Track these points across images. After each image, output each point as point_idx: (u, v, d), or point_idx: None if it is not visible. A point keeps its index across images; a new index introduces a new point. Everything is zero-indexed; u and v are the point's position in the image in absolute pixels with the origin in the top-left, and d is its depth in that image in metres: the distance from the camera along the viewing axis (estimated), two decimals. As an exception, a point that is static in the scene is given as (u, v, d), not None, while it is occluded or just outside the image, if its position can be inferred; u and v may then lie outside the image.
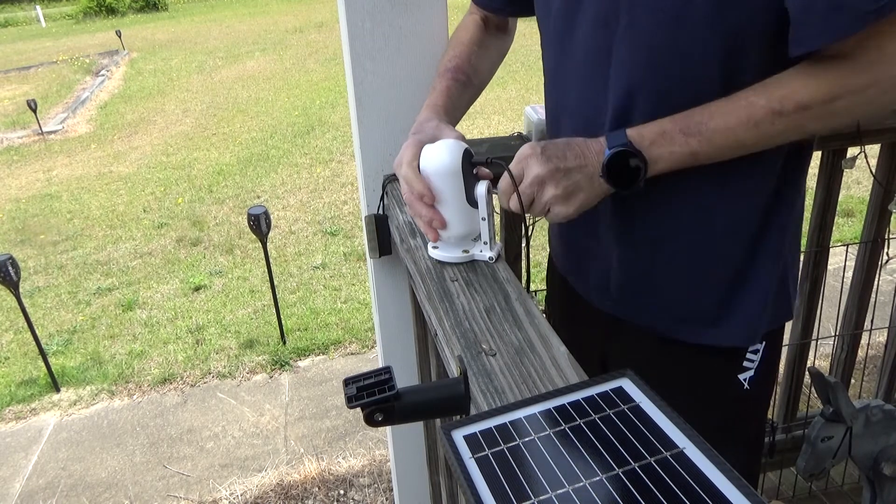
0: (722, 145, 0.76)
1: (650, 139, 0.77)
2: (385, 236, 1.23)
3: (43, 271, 4.56)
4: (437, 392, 0.66)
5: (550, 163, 0.79)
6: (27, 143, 7.77)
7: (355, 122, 1.20)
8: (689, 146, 0.76)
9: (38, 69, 12.04)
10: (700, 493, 0.45)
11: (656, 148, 0.77)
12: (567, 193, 0.80)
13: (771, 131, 0.74)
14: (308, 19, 15.16)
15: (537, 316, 0.79)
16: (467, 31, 1.09)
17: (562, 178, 0.79)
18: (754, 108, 0.73)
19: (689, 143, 0.76)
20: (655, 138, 0.77)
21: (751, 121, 0.74)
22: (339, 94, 8.53)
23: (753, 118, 0.73)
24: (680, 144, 0.77)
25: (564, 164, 0.79)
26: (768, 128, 0.74)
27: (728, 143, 0.76)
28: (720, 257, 0.89)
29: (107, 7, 19.85)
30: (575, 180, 0.80)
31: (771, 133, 0.74)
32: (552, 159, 0.80)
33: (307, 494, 2.41)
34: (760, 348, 0.95)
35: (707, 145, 0.76)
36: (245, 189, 5.75)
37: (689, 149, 0.77)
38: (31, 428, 2.99)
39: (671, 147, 0.77)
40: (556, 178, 0.79)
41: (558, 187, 0.79)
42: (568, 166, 0.80)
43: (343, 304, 3.83)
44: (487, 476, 0.49)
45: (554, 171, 0.79)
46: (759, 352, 0.95)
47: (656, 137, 0.77)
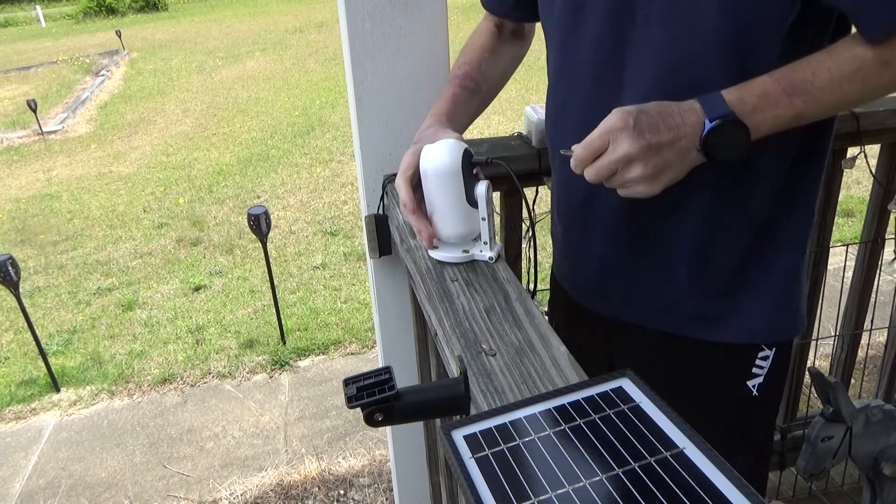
0: (828, 102, 0.72)
1: (752, 103, 0.71)
2: (385, 236, 1.23)
3: (43, 271, 4.56)
4: (437, 392, 0.66)
5: (643, 138, 0.71)
6: (27, 143, 7.77)
7: (355, 122, 1.20)
8: (793, 108, 0.72)
9: (38, 69, 12.04)
10: (700, 493, 0.45)
11: (759, 113, 0.72)
12: (656, 172, 0.73)
13: (877, 83, 0.71)
14: (308, 19, 15.16)
15: (537, 316, 0.79)
16: (480, 37, 1.08)
17: (653, 155, 0.72)
18: (862, 60, 0.70)
19: (795, 104, 0.71)
20: (758, 102, 0.71)
21: (859, 73, 0.70)
22: (339, 94, 8.52)
23: (862, 71, 0.70)
24: (784, 106, 0.72)
25: (657, 140, 0.72)
26: (875, 80, 0.71)
27: (834, 100, 0.72)
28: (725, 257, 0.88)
29: (107, 7, 19.84)
30: (666, 158, 0.73)
31: (876, 85, 0.72)
32: (644, 134, 0.71)
33: (307, 494, 2.41)
34: (770, 355, 0.94)
35: (813, 104, 0.72)
36: (245, 189, 5.75)
37: (793, 111, 0.72)
38: (31, 428, 2.99)
39: (775, 110, 0.72)
40: (647, 156, 0.72)
41: (647, 166, 0.72)
42: (661, 141, 0.72)
43: (343, 304, 3.83)
44: (487, 476, 0.49)
45: (646, 148, 0.71)
46: (768, 359, 0.94)
47: (759, 101, 0.71)
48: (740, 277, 0.89)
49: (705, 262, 0.89)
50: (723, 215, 0.85)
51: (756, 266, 0.89)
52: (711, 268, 0.89)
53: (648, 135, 0.71)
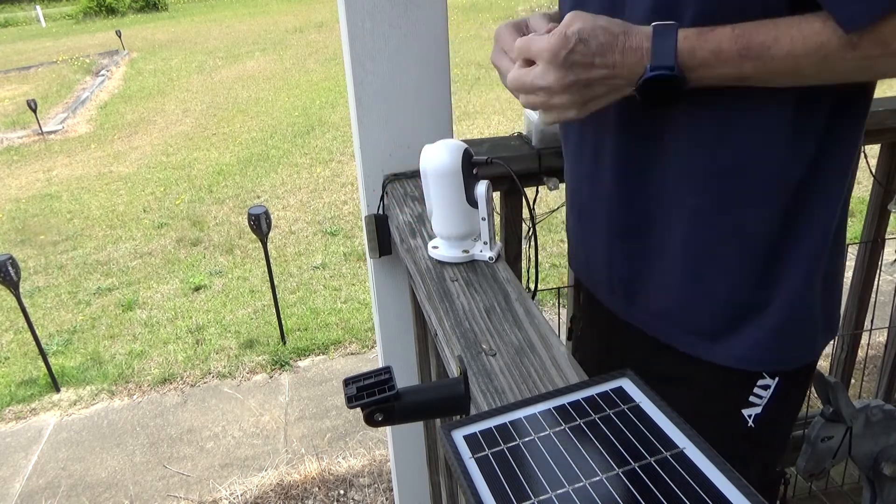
0: (779, 73, 0.66)
1: (701, 58, 0.66)
2: (385, 236, 1.23)
3: (43, 271, 4.56)
4: (437, 392, 0.66)
5: (571, 74, 0.67)
6: (27, 143, 7.77)
7: (355, 122, 1.20)
8: (741, 70, 0.66)
9: (38, 69, 12.04)
10: (700, 493, 0.45)
11: (705, 69, 0.67)
12: (583, 103, 0.70)
13: (839, 67, 0.65)
14: (308, 19, 15.16)
15: (537, 316, 0.79)
16: None
17: (579, 89, 0.69)
18: (827, 38, 0.63)
19: (744, 66, 0.66)
20: (708, 57, 0.66)
21: (820, 51, 0.63)
22: (339, 94, 8.53)
23: (824, 49, 0.63)
24: (732, 66, 0.66)
25: (587, 76, 0.68)
26: (837, 63, 0.64)
27: (786, 71, 0.66)
28: (727, 259, 0.79)
29: (107, 7, 19.84)
30: (594, 91, 0.69)
31: (838, 68, 0.65)
32: (574, 69, 0.67)
33: (307, 494, 2.41)
34: (772, 385, 0.83)
35: (762, 70, 0.66)
36: (245, 189, 5.75)
37: (740, 72, 0.66)
38: (31, 428, 2.99)
39: (722, 69, 0.66)
40: (571, 90, 0.69)
41: (573, 96, 0.69)
42: (591, 77, 0.68)
43: (343, 304, 3.83)
44: (487, 476, 0.49)
45: (572, 84, 0.68)
46: (769, 388, 0.83)
47: (709, 57, 0.66)
48: (741, 292, 0.80)
49: (701, 268, 0.80)
50: (722, 217, 0.77)
51: (761, 281, 0.79)
52: (708, 276, 0.81)
53: (579, 70, 0.68)
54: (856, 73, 0.66)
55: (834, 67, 0.65)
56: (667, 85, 0.67)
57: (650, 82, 0.67)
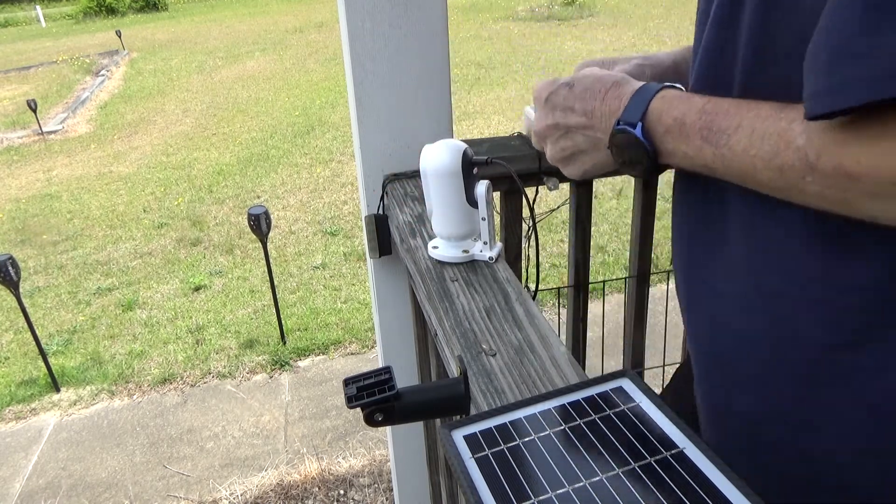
0: (739, 175, 0.55)
1: (666, 125, 0.59)
2: (385, 236, 1.23)
3: (43, 271, 4.56)
4: (437, 392, 0.66)
5: (551, 116, 0.67)
6: (27, 143, 7.77)
7: (355, 122, 1.20)
8: (702, 156, 0.57)
9: (38, 69, 12.04)
10: (700, 493, 0.45)
11: (671, 140, 0.59)
12: (566, 155, 0.68)
13: (801, 187, 0.51)
14: (308, 19, 15.16)
15: (537, 316, 0.79)
16: None
17: (561, 136, 0.68)
18: (787, 144, 0.50)
19: (704, 152, 0.57)
20: (672, 127, 0.59)
21: (776, 160, 0.51)
22: (339, 94, 8.53)
23: (781, 158, 0.51)
24: (694, 149, 0.58)
25: (565, 121, 0.66)
26: (797, 180, 0.50)
27: (746, 176, 0.55)
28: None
29: (107, 7, 19.85)
30: (576, 142, 0.67)
31: (802, 189, 0.51)
32: (555, 112, 0.67)
33: (307, 494, 2.41)
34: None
35: (722, 165, 0.56)
36: (245, 189, 5.75)
37: (702, 160, 0.57)
38: (31, 428, 2.99)
39: (685, 147, 0.58)
40: (554, 135, 0.68)
41: (555, 147, 0.68)
42: (569, 124, 0.66)
43: (343, 304, 3.83)
44: (487, 476, 0.49)
45: (553, 128, 0.68)
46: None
47: (673, 126, 0.59)
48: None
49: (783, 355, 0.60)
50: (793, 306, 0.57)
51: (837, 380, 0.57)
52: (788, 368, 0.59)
53: (558, 113, 0.67)
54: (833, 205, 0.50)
55: (798, 188, 0.51)
56: (629, 144, 0.61)
57: (617, 137, 0.62)
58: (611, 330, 2.83)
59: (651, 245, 1.65)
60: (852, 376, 0.55)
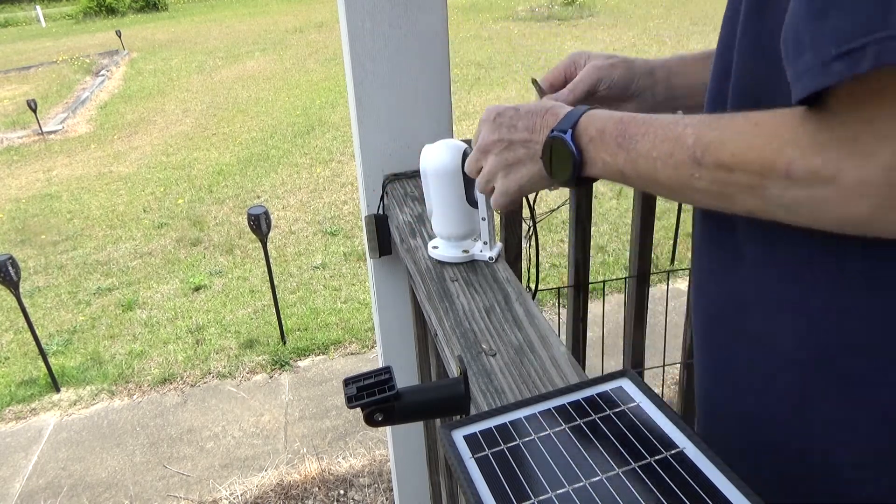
0: (644, 176, 0.60)
1: (590, 135, 0.65)
2: (385, 236, 1.23)
3: (43, 271, 4.56)
4: (437, 392, 0.66)
5: (498, 132, 0.74)
6: (27, 143, 7.77)
7: (355, 122, 1.20)
8: (616, 160, 0.63)
9: (38, 69, 12.04)
10: (700, 493, 0.45)
11: (593, 148, 0.65)
12: (507, 165, 0.74)
13: (691, 183, 0.55)
14: (308, 19, 15.16)
15: (537, 316, 0.79)
16: None
17: (504, 149, 0.74)
18: (680, 144, 0.56)
19: (618, 157, 0.62)
20: (595, 136, 0.65)
21: (672, 159, 0.56)
22: (339, 94, 8.53)
23: (675, 157, 0.56)
24: (611, 154, 0.63)
25: (510, 136, 0.74)
26: (687, 177, 0.55)
27: (648, 177, 0.60)
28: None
29: (107, 7, 19.85)
30: (518, 155, 0.74)
31: (692, 185, 0.55)
32: (501, 128, 0.74)
33: (307, 494, 2.41)
34: None
35: (632, 168, 0.61)
36: (245, 189, 5.75)
37: (616, 164, 0.63)
38: (31, 428, 2.99)
39: (604, 154, 0.64)
40: (498, 148, 0.75)
41: (499, 158, 0.75)
42: (513, 138, 0.73)
43: (343, 304, 3.83)
44: (487, 476, 0.49)
45: (498, 141, 0.74)
46: None
47: (596, 135, 0.65)
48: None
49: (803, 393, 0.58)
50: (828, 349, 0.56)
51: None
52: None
53: (504, 130, 0.74)
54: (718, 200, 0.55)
55: (689, 184, 0.56)
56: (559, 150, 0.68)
57: (548, 144, 0.69)
58: (611, 330, 2.83)
59: (651, 245, 1.65)
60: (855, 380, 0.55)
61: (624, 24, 11.63)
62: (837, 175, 0.45)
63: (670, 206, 4.13)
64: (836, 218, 0.47)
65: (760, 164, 0.49)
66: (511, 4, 14.59)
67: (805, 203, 0.48)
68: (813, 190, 0.47)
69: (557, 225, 4.35)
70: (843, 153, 0.45)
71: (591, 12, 12.92)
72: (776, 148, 0.49)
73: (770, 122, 0.50)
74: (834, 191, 0.46)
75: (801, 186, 0.48)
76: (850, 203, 0.45)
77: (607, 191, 4.86)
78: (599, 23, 11.94)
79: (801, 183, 0.47)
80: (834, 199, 0.46)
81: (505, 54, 9.88)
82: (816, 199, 0.47)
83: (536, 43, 10.62)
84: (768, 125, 0.50)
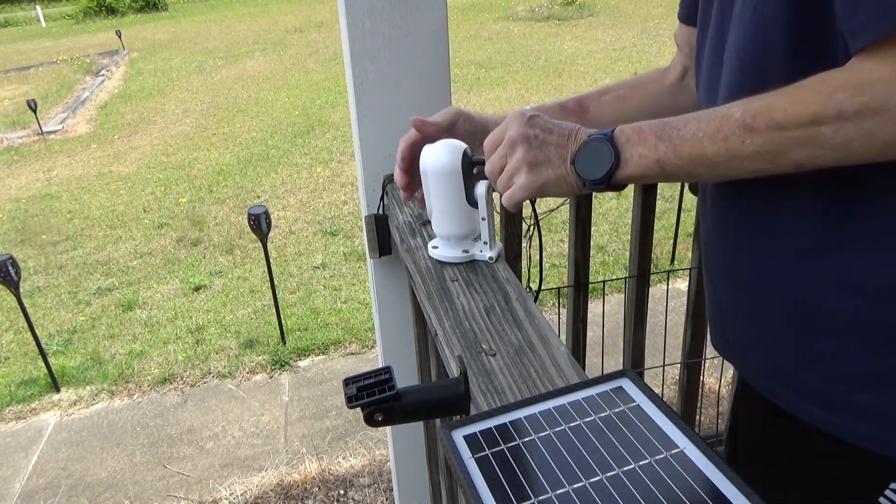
0: (688, 157, 0.66)
1: (627, 136, 0.70)
2: (385, 236, 1.23)
3: (43, 271, 4.56)
4: (437, 392, 0.66)
5: (532, 128, 0.75)
6: (27, 143, 7.77)
7: (355, 122, 1.20)
8: (656, 151, 0.68)
9: (38, 69, 12.04)
10: (700, 493, 0.45)
11: (630, 147, 0.70)
12: (536, 161, 0.75)
13: (742, 150, 0.62)
14: (308, 19, 15.16)
15: (537, 316, 0.79)
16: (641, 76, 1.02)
17: (537, 144, 0.75)
18: (728, 119, 0.63)
19: (658, 148, 0.68)
20: (632, 135, 0.70)
21: (720, 133, 0.63)
22: (339, 94, 8.53)
23: (724, 131, 0.63)
24: (649, 147, 0.68)
25: (545, 136, 0.75)
26: (738, 145, 0.62)
27: (693, 156, 0.66)
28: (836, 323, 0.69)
29: (107, 7, 19.86)
30: (548, 153, 0.75)
31: (742, 153, 0.62)
32: (536, 126, 0.76)
33: (307, 494, 2.41)
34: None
35: (673, 154, 0.67)
36: (245, 189, 5.75)
37: (656, 154, 0.68)
38: (31, 428, 2.99)
39: (642, 148, 0.69)
40: (530, 141, 0.75)
41: (530, 152, 0.75)
42: (547, 138, 0.75)
43: (343, 304, 3.83)
44: (487, 476, 0.49)
45: (532, 137, 0.75)
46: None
47: (633, 135, 0.70)
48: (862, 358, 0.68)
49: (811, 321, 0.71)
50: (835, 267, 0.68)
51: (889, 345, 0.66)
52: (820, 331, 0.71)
53: (539, 129, 0.76)
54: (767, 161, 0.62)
55: (739, 152, 0.62)
56: (596, 148, 0.71)
57: (584, 146, 0.72)
58: (611, 330, 2.83)
59: (651, 245, 1.65)
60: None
61: (624, 23, 11.63)
62: (886, 103, 0.54)
63: (670, 206, 4.14)
64: (883, 142, 0.56)
65: (812, 112, 0.57)
66: (511, 4, 14.59)
67: (856, 137, 0.56)
68: (864, 123, 0.55)
69: (557, 225, 4.35)
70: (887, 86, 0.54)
71: (591, 12, 12.92)
72: (826, 95, 0.56)
73: (813, 81, 0.58)
74: (882, 119, 0.54)
75: (853, 123, 0.55)
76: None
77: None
78: (599, 23, 11.94)
79: (853, 119, 0.55)
80: (882, 126, 0.55)
81: (505, 54, 9.88)
82: (867, 130, 0.55)
83: (536, 43, 10.62)
84: (812, 83, 0.58)
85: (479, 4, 15.05)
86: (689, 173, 0.69)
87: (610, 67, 8.57)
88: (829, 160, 0.59)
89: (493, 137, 0.79)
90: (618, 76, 8.05)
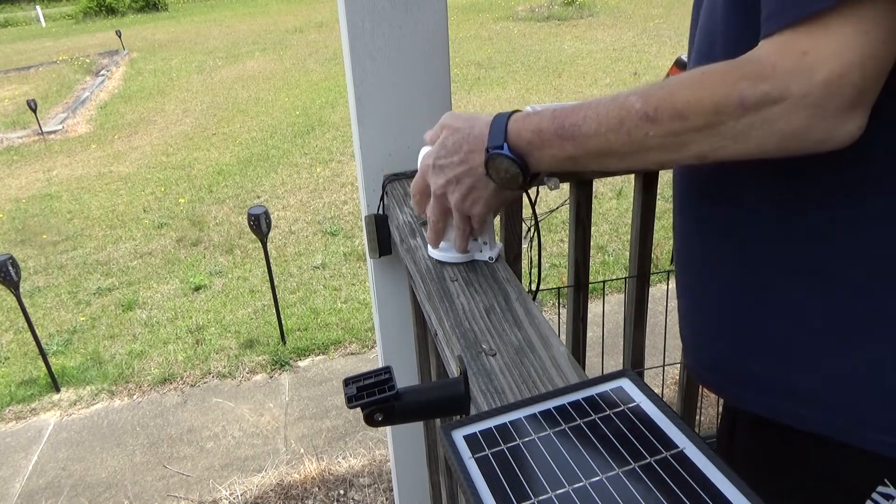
0: (597, 152, 0.67)
1: (527, 139, 0.71)
2: (385, 236, 1.23)
3: (43, 271, 4.56)
4: (437, 392, 0.66)
5: (440, 175, 0.78)
6: (27, 143, 7.77)
7: (355, 122, 1.20)
8: (565, 150, 0.68)
9: (38, 69, 12.04)
10: (700, 493, 0.45)
11: (536, 150, 0.71)
12: (466, 195, 0.78)
13: (645, 142, 0.62)
14: (308, 19, 15.16)
15: (537, 316, 0.79)
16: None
17: (455, 188, 0.78)
18: (628, 110, 0.62)
19: (565, 147, 0.68)
20: (532, 139, 0.70)
21: (623, 126, 0.63)
22: (339, 94, 8.53)
23: (626, 124, 0.62)
24: (557, 148, 0.69)
25: (454, 174, 0.78)
26: (641, 137, 0.62)
27: (602, 150, 0.66)
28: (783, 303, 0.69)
29: (107, 7, 19.85)
30: (468, 184, 0.78)
31: (646, 144, 0.62)
32: (440, 171, 0.78)
33: (307, 494, 2.41)
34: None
35: (582, 150, 0.67)
36: (245, 189, 5.75)
37: (565, 153, 0.69)
38: (31, 428, 2.99)
39: (550, 150, 0.70)
40: (449, 189, 0.79)
41: (455, 194, 0.78)
42: (455, 174, 0.77)
43: (343, 304, 3.83)
44: (487, 476, 0.49)
45: (445, 184, 0.78)
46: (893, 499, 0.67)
47: (533, 138, 0.70)
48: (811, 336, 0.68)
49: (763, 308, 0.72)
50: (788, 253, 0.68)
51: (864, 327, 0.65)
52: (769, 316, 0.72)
53: (446, 169, 0.78)
54: (671, 151, 0.62)
55: (643, 144, 0.62)
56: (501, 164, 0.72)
57: (490, 163, 0.73)
58: (611, 330, 2.83)
59: (651, 245, 1.65)
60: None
61: (624, 23, 11.63)
62: (784, 93, 0.54)
63: (671, 206, 4.13)
64: (781, 133, 0.55)
65: (714, 102, 0.57)
66: (511, 4, 14.59)
67: (756, 126, 0.56)
68: (763, 113, 0.55)
69: (557, 225, 4.34)
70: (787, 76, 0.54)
71: (591, 12, 12.91)
72: (729, 84, 0.56)
73: (717, 68, 0.58)
74: (781, 108, 0.54)
75: (753, 112, 0.55)
76: (793, 116, 0.54)
77: (607, 191, 4.86)
78: (599, 23, 11.94)
79: (754, 108, 0.55)
80: (780, 116, 0.55)
81: (505, 54, 9.88)
82: (767, 119, 0.55)
83: (536, 43, 10.62)
84: (716, 71, 0.58)
85: (479, 4, 15.05)
86: (601, 164, 0.69)
87: (610, 67, 8.57)
88: (730, 152, 0.59)
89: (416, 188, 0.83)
90: (618, 76, 8.05)
